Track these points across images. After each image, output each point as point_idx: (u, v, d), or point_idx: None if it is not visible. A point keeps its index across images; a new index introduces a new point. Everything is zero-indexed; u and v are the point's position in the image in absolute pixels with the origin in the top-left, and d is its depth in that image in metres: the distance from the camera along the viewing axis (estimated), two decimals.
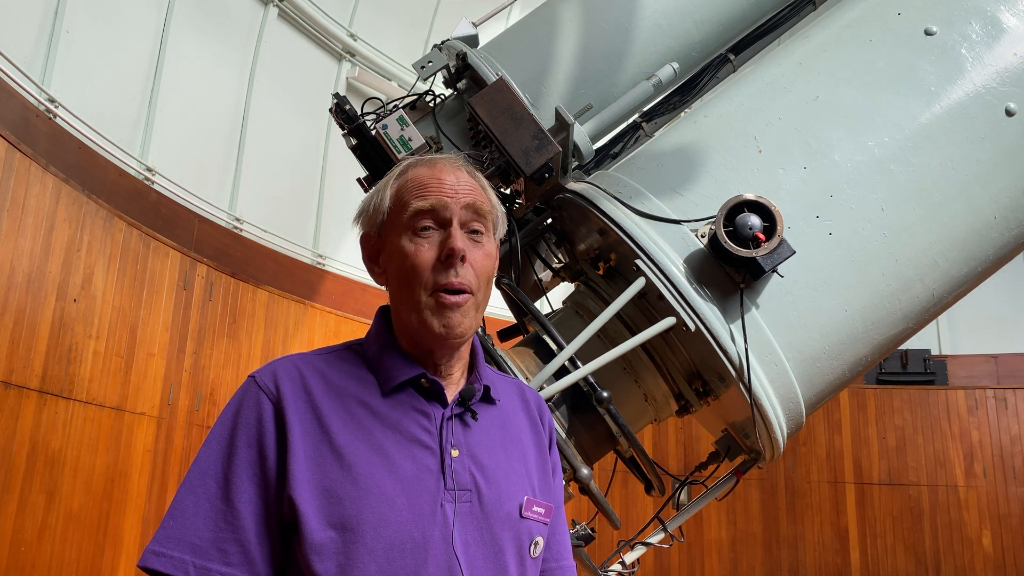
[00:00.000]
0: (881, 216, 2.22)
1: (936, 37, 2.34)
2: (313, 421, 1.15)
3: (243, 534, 1.10)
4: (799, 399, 2.24)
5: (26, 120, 4.30)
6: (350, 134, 2.56)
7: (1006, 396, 7.59)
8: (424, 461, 1.16)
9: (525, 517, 1.22)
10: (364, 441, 1.15)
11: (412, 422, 1.19)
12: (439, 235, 1.20)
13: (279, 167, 6.66)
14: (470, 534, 1.15)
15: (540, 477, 1.30)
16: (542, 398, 1.43)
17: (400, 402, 1.20)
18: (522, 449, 1.29)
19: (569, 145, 2.45)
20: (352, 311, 6.73)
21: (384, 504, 1.11)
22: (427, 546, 1.12)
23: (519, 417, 1.33)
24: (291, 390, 1.17)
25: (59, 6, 4.77)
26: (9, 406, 3.95)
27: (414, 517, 1.12)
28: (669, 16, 2.71)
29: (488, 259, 1.24)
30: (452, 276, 1.17)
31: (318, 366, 1.22)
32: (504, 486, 1.21)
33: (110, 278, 4.72)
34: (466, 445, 1.20)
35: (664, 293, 2.13)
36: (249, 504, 1.11)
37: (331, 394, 1.18)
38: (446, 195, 1.21)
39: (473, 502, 1.17)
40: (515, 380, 1.41)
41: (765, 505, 7.77)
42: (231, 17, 6.28)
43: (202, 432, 5.38)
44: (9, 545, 3.90)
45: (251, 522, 1.10)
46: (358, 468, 1.12)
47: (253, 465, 1.12)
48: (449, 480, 1.16)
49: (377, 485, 1.12)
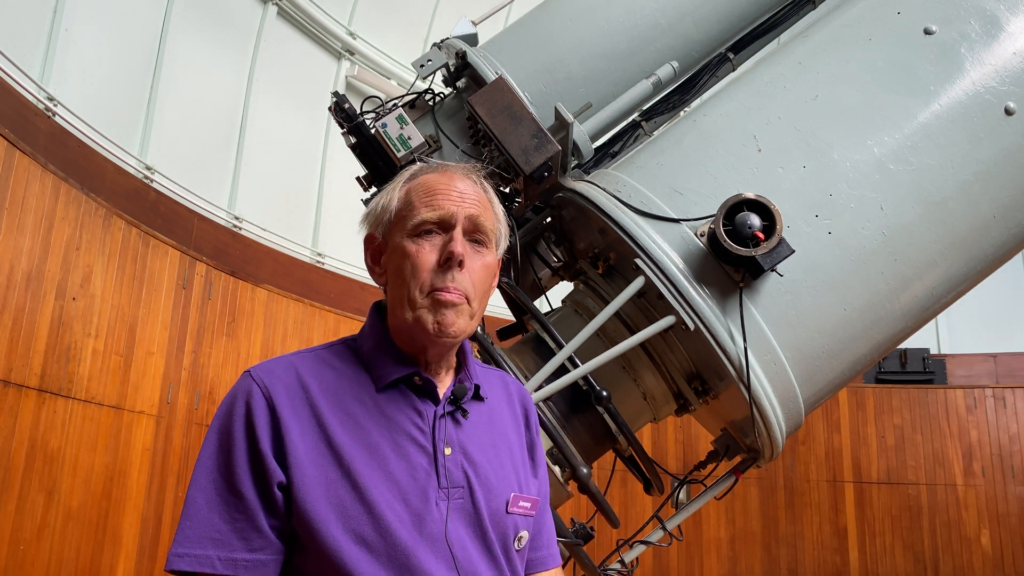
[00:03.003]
0: (880, 215, 2.22)
1: (935, 36, 2.34)
2: (310, 418, 1.16)
3: (257, 519, 1.12)
4: (798, 398, 2.24)
5: (25, 118, 4.29)
6: (349, 133, 2.56)
7: (1005, 395, 7.59)
8: (418, 460, 1.18)
9: (511, 512, 1.24)
10: (360, 441, 1.16)
11: (406, 420, 1.20)
12: (441, 238, 1.21)
13: (278, 166, 6.66)
14: (463, 530, 1.18)
15: (525, 471, 1.32)
16: (525, 389, 1.45)
17: (393, 399, 1.22)
18: (508, 444, 1.31)
19: (568, 144, 2.45)
20: (351, 310, 6.72)
21: (384, 507, 1.13)
22: (424, 544, 1.14)
23: (504, 411, 1.35)
24: (285, 385, 1.18)
25: (58, 4, 4.76)
26: (8, 405, 3.95)
27: (412, 517, 1.14)
28: (668, 15, 2.71)
29: (486, 270, 1.25)
30: (448, 280, 1.19)
31: (312, 364, 1.23)
32: (494, 483, 1.23)
33: (109, 277, 4.71)
34: (458, 443, 1.22)
35: (663, 292, 2.13)
36: (253, 490, 1.12)
37: (327, 391, 1.19)
38: (452, 201, 1.22)
39: (465, 499, 1.19)
40: (498, 372, 1.42)
41: (764, 504, 7.77)
42: (230, 15, 6.28)
43: (201, 431, 5.38)
44: (8, 544, 3.90)
45: (260, 507, 1.12)
46: (356, 470, 1.14)
47: (250, 453, 1.13)
48: (443, 479, 1.18)
49: (376, 487, 1.14)
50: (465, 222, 1.22)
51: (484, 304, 1.26)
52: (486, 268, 1.25)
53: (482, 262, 1.24)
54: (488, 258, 1.26)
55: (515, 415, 1.37)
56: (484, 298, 1.26)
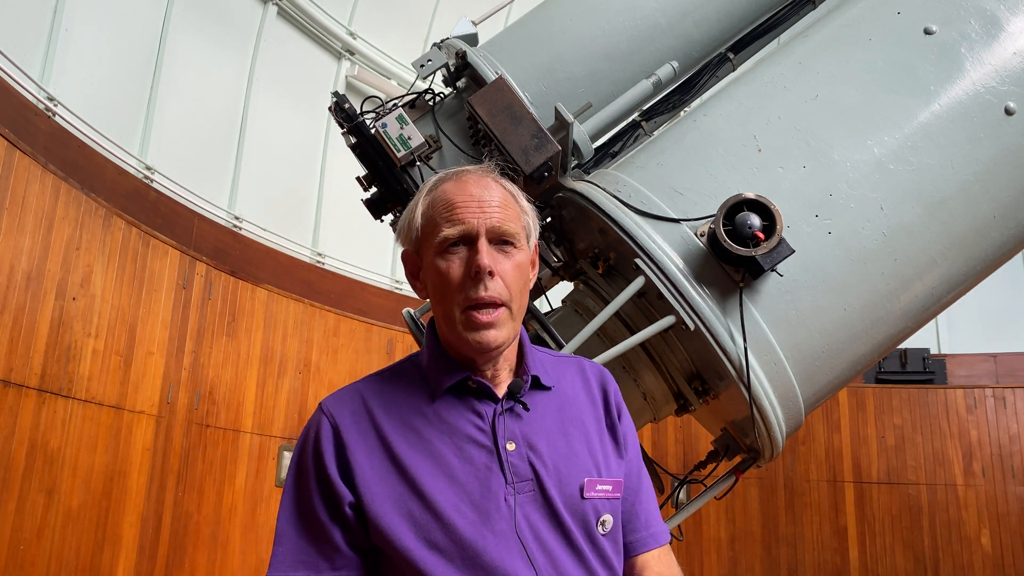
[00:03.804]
0: (880, 215, 2.22)
1: (935, 36, 2.34)
2: (376, 439, 1.23)
3: (335, 540, 1.21)
4: (798, 398, 2.24)
5: (25, 118, 4.30)
6: (349, 133, 2.56)
7: (1005, 395, 7.59)
8: (481, 460, 1.22)
9: (588, 497, 1.25)
10: (423, 451, 1.22)
11: (466, 423, 1.25)
12: (468, 251, 1.23)
13: (278, 166, 6.66)
14: (537, 521, 1.20)
15: (605, 454, 1.31)
16: (605, 370, 1.43)
17: (452, 405, 1.26)
18: (583, 429, 1.31)
19: (568, 144, 2.45)
20: (351, 310, 6.72)
21: (450, 511, 1.18)
22: (499, 541, 1.18)
23: (579, 397, 1.35)
24: (351, 412, 1.26)
25: (58, 4, 4.76)
26: (8, 405, 3.95)
27: (480, 516, 1.19)
28: (668, 15, 2.71)
29: (518, 269, 1.26)
30: (481, 291, 1.21)
31: (376, 386, 1.31)
32: (564, 470, 1.25)
33: (109, 276, 4.71)
34: (522, 436, 1.25)
35: (663, 292, 2.13)
36: (326, 513, 1.21)
37: (389, 410, 1.26)
38: (472, 213, 1.24)
39: (535, 490, 1.22)
40: (574, 358, 1.43)
41: (764, 504, 7.77)
42: (231, 15, 6.28)
43: (201, 430, 5.38)
44: (8, 543, 3.90)
45: (336, 528, 1.21)
46: (421, 481, 1.20)
47: (319, 479, 1.22)
48: (508, 474, 1.21)
49: (441, 493, 1.19)
50: (488, 232, 1.23)
51: (524, 298, 1.28)
52: (518, 267, 1.26)
53: (513, 263, 1.25)
54: (519, 256, 1.26)
55: (593, 399, 1.36)
56: (523, 294, 1.27)
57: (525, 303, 1.28)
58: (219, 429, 5.54)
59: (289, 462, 1.30)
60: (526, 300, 1.29)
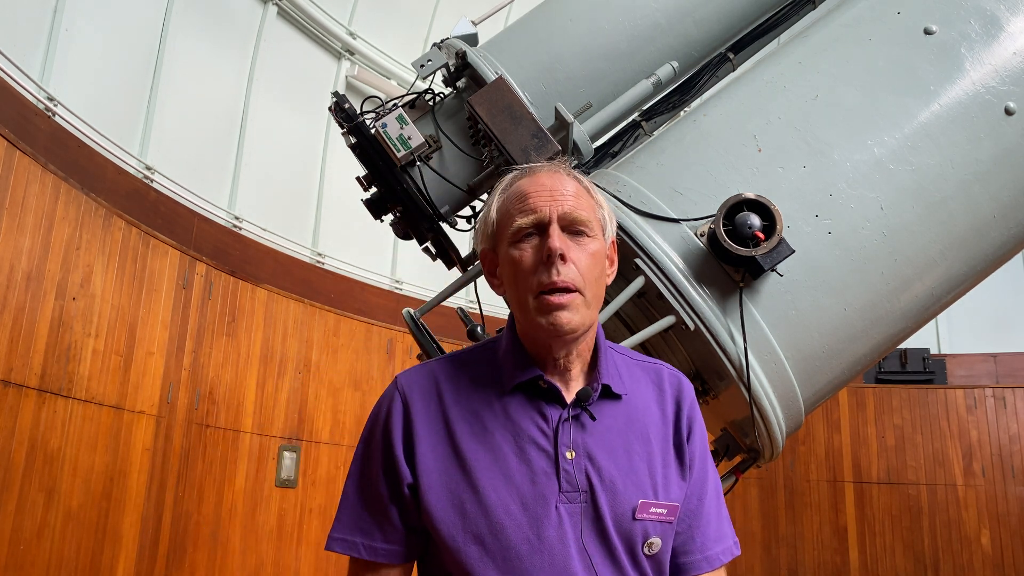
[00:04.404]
0: (880, 215, 2.22)
1: (936, 36, 2.34)
2: (441, 422, 1.26)
3: (391, 514, 1.26)
4: (798, 398, 2.24)
5: (25, 118, 4.29)
6: (349, 132, 2.56)
7: (1005, 395, 7.59)
8: (540, 464, 1.22)
9: (639, 519, 1.23)
10: (484, 444, 1.24)
11: (530, 423, 1.25)
12: (540, 239, 1.24)
13: (278, 166, 6.65)
14: (585, 535, 1.20)
15: (666, 476, 1.28)
16: (684, 380, 1.38)
17: (520, 403, 1.26)
18: (647, 447, 1.28)
19: (568, 144, 2.45)
20: (352, 310, 6.72)
21: (501, 510, 1.19)
22: (543, 547, 1.18)
23: (650, 410, 1.32)
24: (423, 391, 1.29)
25: (58, 4, 4.76)
26: (8, 404, 3.95)
27: (529, 520, 1.19)
28: (668, 15, 2.71)
29: (592, 258, 1.25)
30: (554, 275, 1.20)
31: (451, 368, 1.32)
32: (620, 487, 1.23)
33: (109, 277, 4.71)
34: (583, 446, 1.24)
35: (663, 292, 2.13)
36: (387, 488, 1.26)
37: (459, 395, 1.28)
38: (543, 201, 1.24)
39: (587, 503, 1.21)
40: (654, 364, 1.39)
41: (764, 504, 7.77)
42: (230, 15, 6.27)
43: (201, 430, 5.38)
44: (8, 543, 3.90)
45: (393, 505, 1.26)
46: (477, 474, 1.21)
47: (385, 456, 1.26)
48: (564, 483, 1.21)
49: (495, 490, 1.20)
50: (560, 219, 1.24)
51: (600, 288, 1.27)
52: (593, 256, 1.25)
53: (587, 251, 1.24)
54: (593, 246, 1.25)
55: (664, 414, 1.33)
56: (598, 284, 1.26)
57: (601, 294, 1.27)
58: (219, 429, 5.54)
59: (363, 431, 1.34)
60: (602, 291, 1.27)
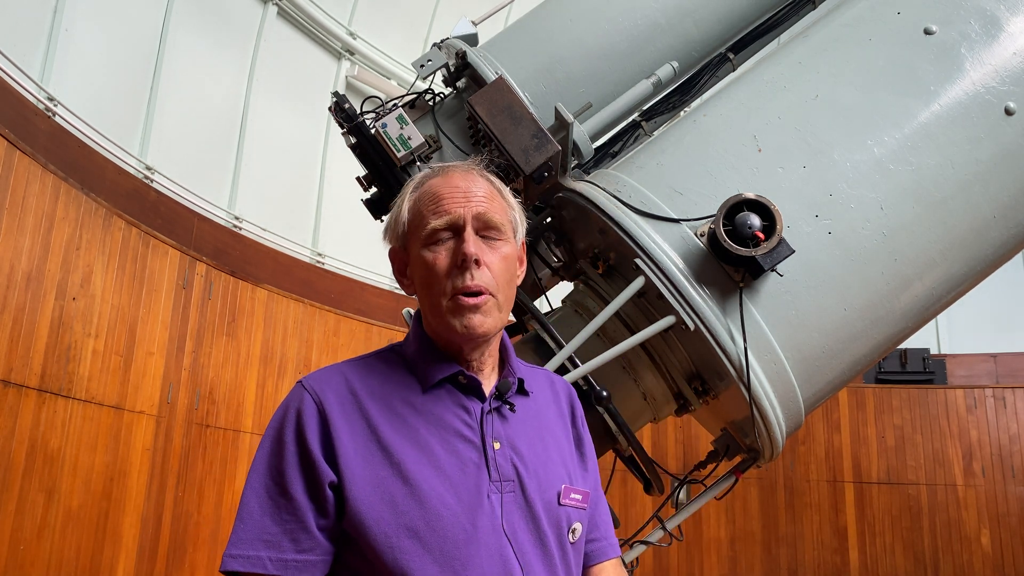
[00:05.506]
0: (880, 215, 2.22)
1: (935, 36, 2.34)
2: (361, 420, 1.21)
3: (306, 520, 1.16)
4: (798, 398, 2.24)
5: (25, 118, 4.29)
6: (349, 133, 2.56)
7: (1005, 395, 7.59)
8: (468, 455, 1.21)
9: (563, 504, 1.27)
10: (410, 439, 1.20)
11: (454, 417, 1.24)
12: (455, 242, 1.24)
13: (278, 166, 6.66)
14: (517, 522, 1.21)
15: (574, 464, 1.34)
16: (571, 386, 1.47)
17: (440, 399, 1.25)
18: (556, 438, 1.34)
19: (568, 144, 2.45)
20: (351, 310, 6.72)
21: (435, 500, 1.16)
22: (479, 536, 1.17)
23: (550, 407, 1.38)
24: (335, 391, 1.23)
25: (58, 4, 4.76)
26: (8, 405, 3.95)
27: (464, 510, 1.17)
28: (668, 15, 2.71)
29: (504, 261, 1.26)
30: (468, 279, 1.21)
31: (361, 370, 1.28)
32: (543, 475, 1.26)
33: (109, 277, 4.71)
34: (506, 437, 1.26)
35: (663, 292, 2.13)
36: (303, 492, 1.16)
37: (375, 395, 1.24)
38: (457, 203, 1.24)
39: (516, 492, 1.23)
40: (544, 371, 1.45)
41: (764, 504, 7.77)
42: (230, 15, 6.27)
43: (201, 431, 5.38)
44: (8, 544, 3.90)
45: (310, 508, 1.16)
46: (407, 466, 1.18)
47: (301, 456, 1.18)
48: (494, 472, 1.21)
49: (426, 481, 1.17)
50: (474, 221, 1.24)
51: (511, 290, 1.28)
52: (505, 259, 1.26)
53: (500, 254, 1.26)
54: (506, 248, 1.27)
55: (561, 411, 1.39)
56: (510, 287, 1.28)
57: (512, 296, 1.29)
58: (219, 429, 5.54)
59: (262, 438, 1.23)
60: (513, 294, 1.29)
